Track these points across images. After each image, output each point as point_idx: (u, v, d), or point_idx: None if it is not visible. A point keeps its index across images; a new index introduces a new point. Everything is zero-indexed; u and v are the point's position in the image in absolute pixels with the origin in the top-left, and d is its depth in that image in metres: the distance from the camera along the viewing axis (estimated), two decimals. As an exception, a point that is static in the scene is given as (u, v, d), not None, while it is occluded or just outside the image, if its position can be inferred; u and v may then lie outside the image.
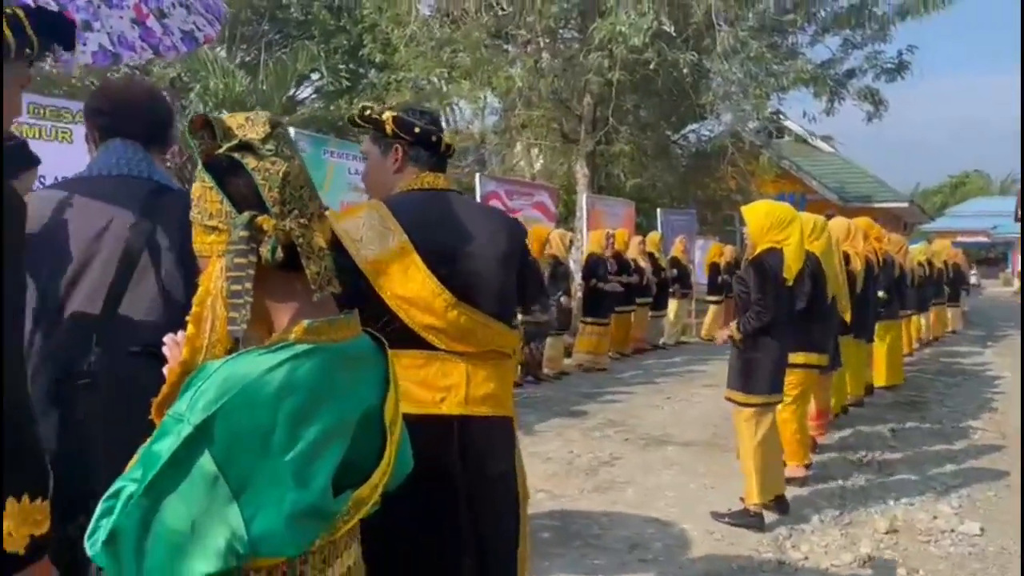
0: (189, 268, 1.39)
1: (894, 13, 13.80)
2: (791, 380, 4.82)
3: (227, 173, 1.12)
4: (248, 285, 1.06)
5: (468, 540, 1.95)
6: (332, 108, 17.43)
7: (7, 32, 1.38)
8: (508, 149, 17.98)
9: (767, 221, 4.36)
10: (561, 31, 14.66)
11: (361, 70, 18.47)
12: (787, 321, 4.39)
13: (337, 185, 7.70)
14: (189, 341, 1.10)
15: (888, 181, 24.18)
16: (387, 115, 2.11)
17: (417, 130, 2.11)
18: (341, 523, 1.12)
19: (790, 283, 4.33)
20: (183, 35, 3.34)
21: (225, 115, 1.17)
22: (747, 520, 4.32)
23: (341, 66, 17.28)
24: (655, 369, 10.04)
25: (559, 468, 5.43)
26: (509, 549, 2.06)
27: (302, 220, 1.12)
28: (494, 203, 9.86)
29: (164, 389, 1.10)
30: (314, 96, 19.33)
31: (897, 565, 3.89)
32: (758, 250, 4.38)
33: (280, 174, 1.12)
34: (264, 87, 14.45)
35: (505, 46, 15.00)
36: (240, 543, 0.99)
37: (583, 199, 12.86)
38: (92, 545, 1.00)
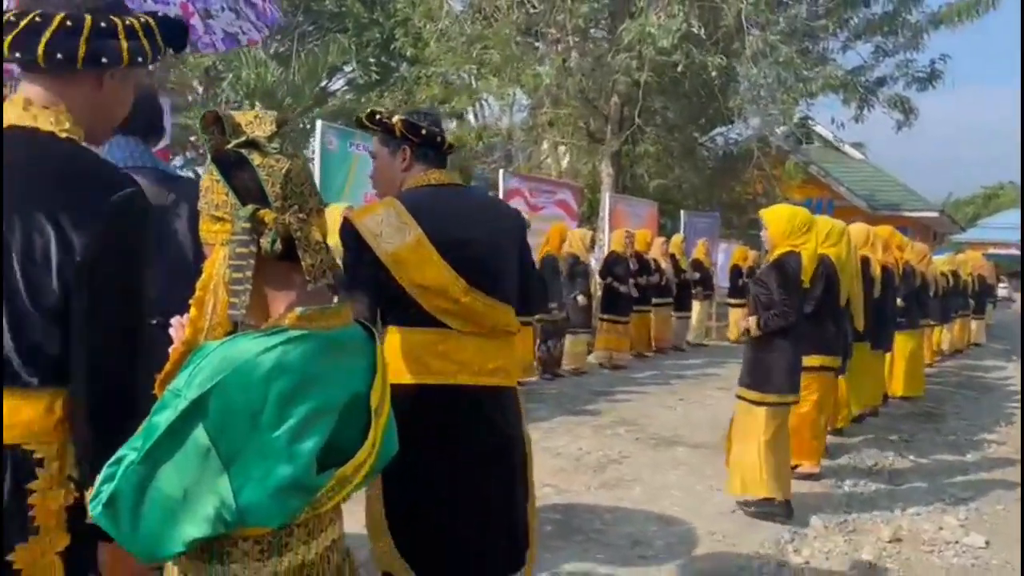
0: (199, 252, 1.47)
1: (927, 21, 13.68)
2: (808, 383, 4.88)
3: (234, 167, 1.20)
4: (248, 273, 1.14)
5: (484, 493, 2.23)
6: (363, 101, 17.61)
7: (123, 42, 1.49)
8: (535, 146, 18.05)
9: (788, 225, 4.43)
10: (591, 31, 14.69)
11: (392, 63, 18.63)
12: (802, 323, 4.46)
13: (362, 177, 7.79)
14: (192, 323, 1.19)
15: (919, 190, 23.94)
16: (396, 119, 2.32)
17: (424, 132, 2.32)
18: (325, 499, 1.20)
19: (807, 285, 4.41)
20: (225, 35, 3.44)
21: (235, 112, 1.25)
22: (773, 508, 4.45)
23: (372, 59, 17.44)
24: (671, 370, 10.06)
25: (567, 464, 5.50)
26: (520, 501, 2.34)
27: (301, 215, 1.20)
28: (517, 200, 9.95)
29: (167, 366, 1.19)
30: (345, 88, 19.53)
31: (897, 574, 3.91)
32: (777, 253, 4.44)
33: (283, 171, 1.20)
34: (296, 78, 14.63)
35: (535, 43, 15.07)
36: (228, 511, 1.08)
37: (606, 198, 12.90)
38: (94, 507, 1.09)
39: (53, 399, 1.43)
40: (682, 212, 14.29)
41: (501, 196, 9.81)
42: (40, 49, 1.43)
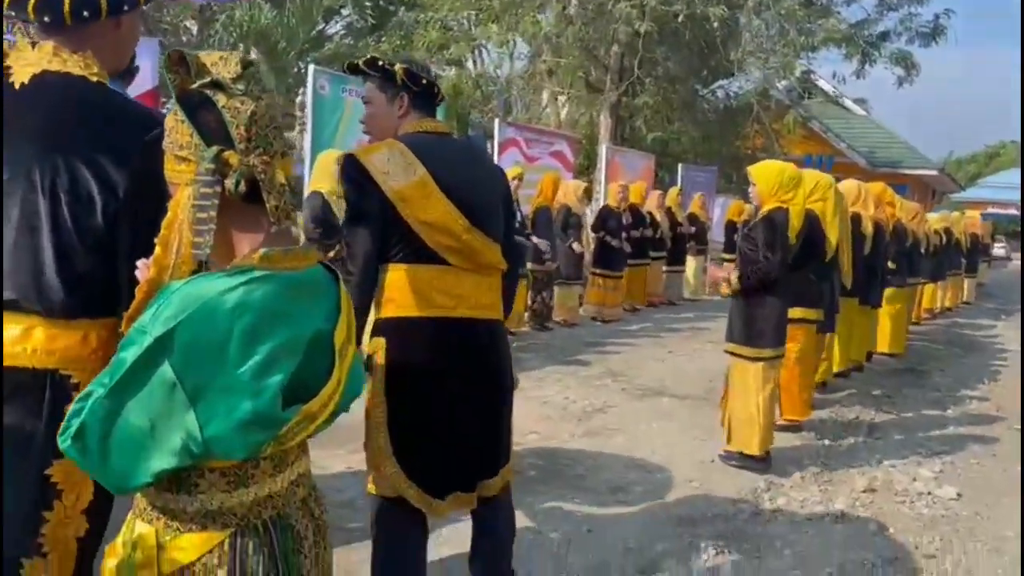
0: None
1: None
2: (791, 335, 4.93)
3: (199, 108, 1.22)
4: (212, 213, 1.17)
5: (480, 412, 2.46)
6: (360, 45, 17.36)
7: None
8: (534, 96, 17.88)
9: (776, 181, 4.44)
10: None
11: (391, 7, 18.32)
12: (789, 278, 4.51)
13: (354, 123, 7.72)
14: (156, 261, 1.22)
15: (920, 148, 23.79)
16: (398, 66, 2.41)
17: (424, 81, 2.43)
18: (291, 435, 1.24)
19: (793, 241, 4.43)
20: None
21: (201, 53, 1.26)
22: (751, 463, 4.55)
23: (369, 3, 17.15)
24: (663, 323, 10.14)
25: (553, 412, 5.59)
26: (507, 422, 2.59)
27: (265, 157, 1.22)
28: (512, 150, 9.90)
29: (134, 303, 1.22)
30: (342, 32, 19.23)
31: (868, 522, 4.01)
32: (766, 208, 4.46)
33: (248, 113, 1.22)
34: (290, 21, 14.41)
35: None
36: (195, 444, 1.12)
37: (603, 150, 12.83)
38: (63, 440, 1.14)
39: (89, 330, 1.57)
40: (680, 165, 14.22)
41: (497, 146, 9.77)
42: (66, 9, 1.55)
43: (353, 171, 2.33)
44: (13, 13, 1.59)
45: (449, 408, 2.39)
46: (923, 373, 8.00)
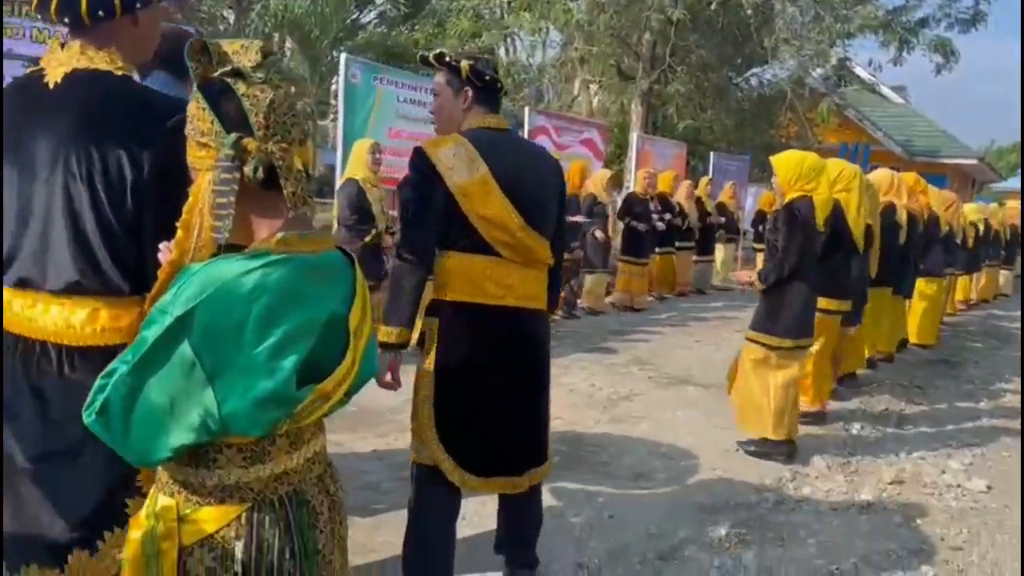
0: None
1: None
2: (817, 325, 4.89)
3: (220, 96, 1.26)
4: (231, 199, 1.21)
5: (521, 397, 2.63)
6: (393, 34, 17.44)
7: None
8: (565, 84, 17.82)
9: (796, 171, 4.40)
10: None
11: (425, -5, 18.37)
12: (815, 267, 4.48)
13: (385, 111, 7.83)
14: (178, 244, 1.27)
15: (960, 136, 23.32)
16: (464, 63, 2.55)
17: (488, 78, 2.58)
18: (307, 413, 1.28)
19: (822, 229, 4.40)
20: None
21: (223, 41, 1.30)
22: (776, 449, 4.52)
23: (401, -10, 17.22)
24: (691, 312, 10.09)
25: (579, 399, 5.62)
26: (545, 407, 2.74)
27: (283, 144, 1.26)
28: (542, 138, 9.89)
29: (156, 284, 1.27)
30: (376, 21, 19.31)
31: (894, 513, 3.99)
32: (788, 198, 4.43)
33: (267, 100, 1.25)
34: (324, 9, 14.51)
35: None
36: (212, 420, 1.17)
37: (634, 138, 12.77)
38: (88, 415, 1.19)
39: (142, 305, 1.63)
40: (711, 154, 14.10)
41: (527, 134, 9.77)
42: (83, 11, 1.67)
43: (421, 163, 2.48)
44: (39, 15, 1.73)
45: (492, 390, 2.55)
46: (956, 364, 7.89)
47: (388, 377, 2.57)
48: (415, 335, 2.61)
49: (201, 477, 1.27)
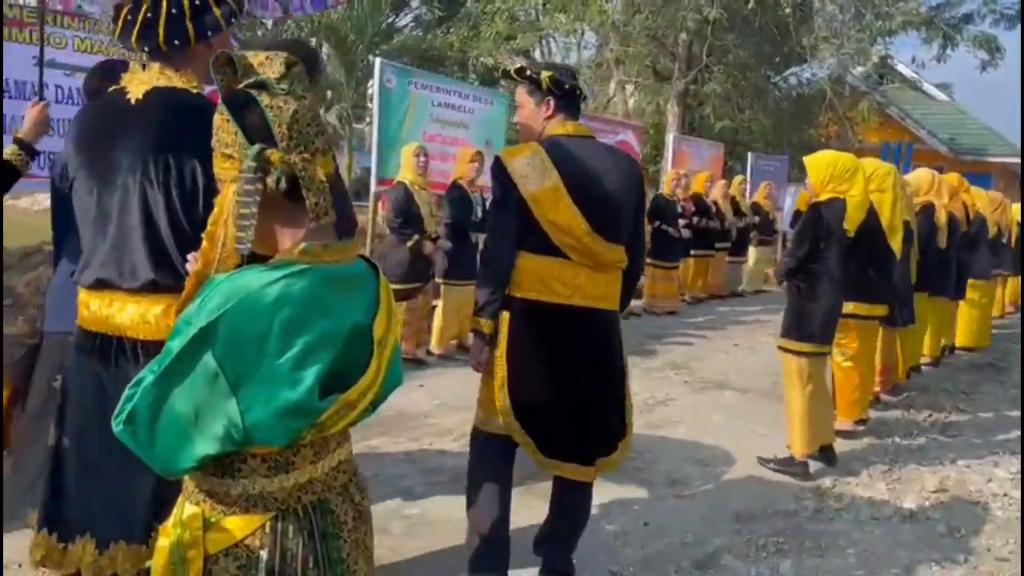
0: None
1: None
2: (847, 332, 4.78)
3: (244, 107, 1.26)
4: (254, 209, 1.21)
5: (587, 388, 2.76)
6: (428, 37, 17.52)
7: (216, 11, 1.89)
8: (602, 85, 17.73)
9: (828, 171, 4.30)
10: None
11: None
12: (844, 272, 4.35)
13: (420, 116, 7.84)
14: (203, 255, 1.27)
15: (1007, 135, 22.72)
16: (544, 74, 2.73)
17: (567, 87, 2.75)
18: (331, 423, 1.27)
19: (851, 234, 4.28)
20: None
21: (248, 53, 1.30)
22: (792, 467, 4.37)
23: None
24: (728, 316, 9.97)
25: (614, 404, 5.57)
26: (616, 399, 2.86)
27: (306, 155, 1.26)
28: (577, 140, 9.82)
29: (183, 295, 1.28)
30: (412, 25, 19.43)
31: (938, 523, 3.89)
32: (821, 200, 4.34)
33: (290, 112, 1.26)
34: (360, 14, 14.63)
35: (604, -23, 14.69)
36: (236, 431, 1.17)
37: (670, 139, 12.65)
38: (116, 424, 1.20)
39: None
40: (749, 154, 13.92)
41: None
42: (160, 40, 1.82)
43: (498, 171, 2.70)
44: (122, 43, 1.89)
45: (560, 381, 2.72)
46: (1003, 369, 7.69)
47: (481, 359, 2.81)
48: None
49: (226, 486, 1.27)
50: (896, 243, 4.96)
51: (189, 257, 1.37)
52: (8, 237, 3.18)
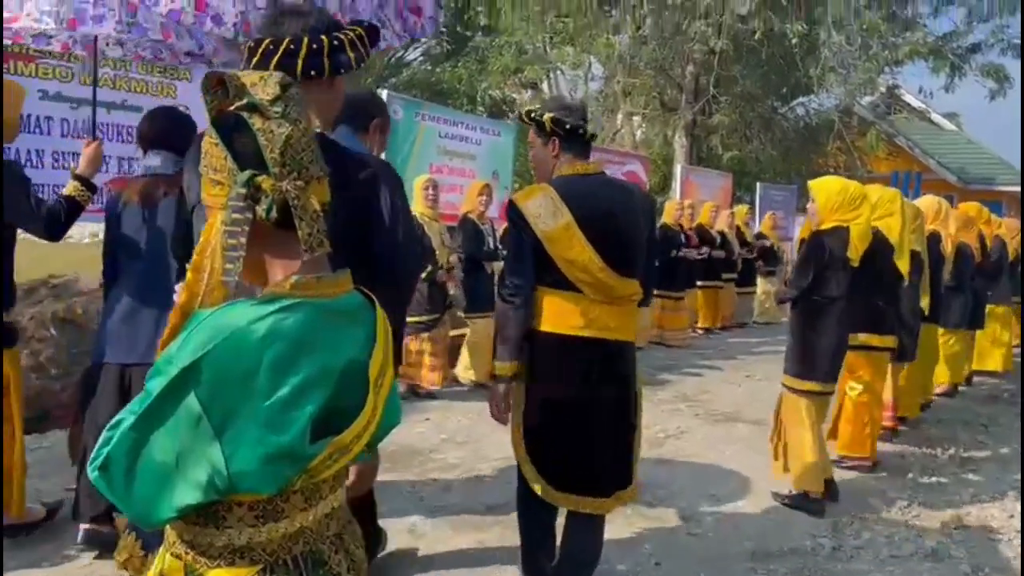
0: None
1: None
2: (856, 364, 4.65)
3: (234, 131, 1.19)
4: (242, 240, 1.14)
5: (601, 420, 2.76)
6: (437, 71, 17.62)
7: (349, 53, 1.97)
8: (609, 117, 17.77)
9: (838, 199, 4.19)
10: (667, -2, 14.33)
11: (467, 33, 18.54)
12: (849, 303, 4.23)
13: (426, 148, 7.84)
14: (188, 287, 1.19)
15: (1016, 163, 22.60)
16: (546, 116, 2.81)
17: (568, 126, 2.80)
18: (323, 468, 1.19)
19: (855, 263, 4.17)
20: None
21: (241, 73, 1.24)
22: (806, 504, 4.24)
23: (445, 28, 17.37)
24: (739, 347, 9.85)
25: (624, 438, 5.45)
26: (628, 432, 2.86)
27: (299, 182, 1.18)
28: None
29: (167, 331, 1.20)
30: (421, 59, 19.54)
31: (961, 561, 3.76)
32: (824, 227, 4.23)
33: (283, 136, 1.19)
34: (369, 48, 14.68)
35: (609, 11, 14.76)
36: (220, 478, 1.08)
37: (678, 170, 12.63)
38: (92, 471, 1.11)
39: None
40: (758, 184, 13.88)
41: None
42: (298, 69, 1.91)
43: (513, 214, 2.79)
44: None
45: (575, 411, 2.75)
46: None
47: (498, 409, 2.84)
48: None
49: (210, 536, 1.18)
50: (904, 266, 4.80)
51: (178, 287, 1.30)
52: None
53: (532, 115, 2.88)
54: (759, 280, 11.81)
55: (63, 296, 6.37)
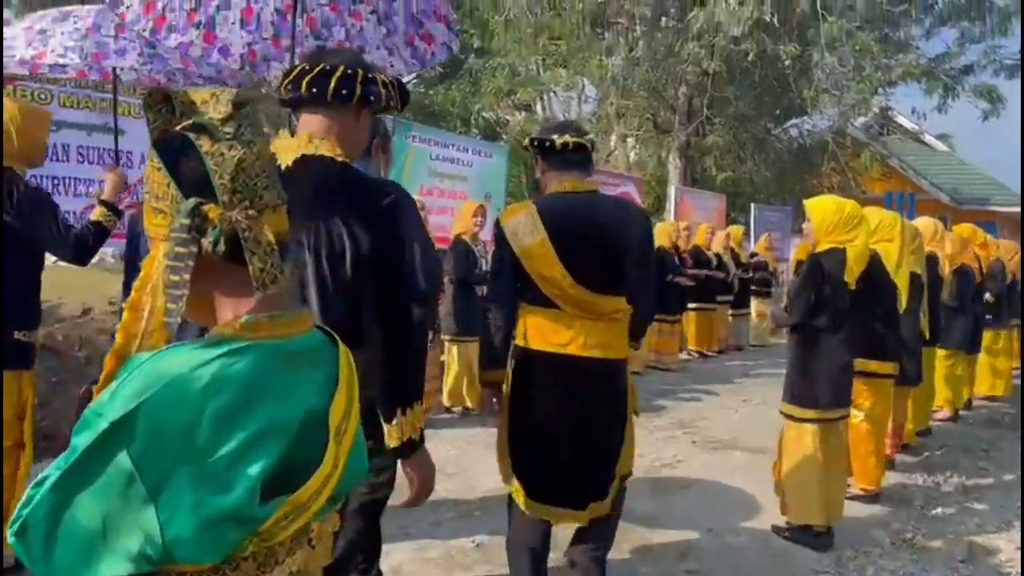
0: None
1: (1017, 5, 12.87)
2: (859, 391, 4.51)
3: (178, 153, 1.06)
4: (186, 276, 1.01)
5: (578, 433, 2.79)
6: (431, 93, 17.59)
7: (382, 89, 2.01)
8: (603, 138, 17.75)
9: (835, 219, 4.03)
10: (660, 20, 14.33)
11: (460, 55, 18.52)
12: (850, 327, 4.08)
13: (417, 170, 7.74)
14: (124, 328, 1.06)
15: (1009, 184, 22.61)
16: (527, 140, 2.98)
17: (546, 144, 2.86)
18: (277, 530, 1.05)
19: (852, 286, 4.03)
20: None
21: (191, 90, 1.12)
22: (809, 538, 4.09)
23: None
24: (735, 370, 9.71)
25: (619, 467, 5.30)
26: (612, 442, 2.86)
27: (251, 212, 1.06)
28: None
29: (102, 376, 1.07)
30: (415, 80, 19.52)
31: (970, 597, 3.62)
32: (820, 249, 4.10)
33: (234, 160, 1.06)
34: (361, 71, 14.63)
35: (602, 34, 14.77)
36: (153, 547, 0.94)
37: (672, 191, 12.56)
38: (11, 535, 0.98)
39: (362, 362, 1.81)
40: (752, 206, 13.81)
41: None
42: (331, 87, 1.96)
43: (496, 231, 2.88)
44: (289, 93, 2.00)
45: (552, 427, 2.79)
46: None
47: (493, 407, 2.96)
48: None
49: (145, 611, 1.04)
50: (903, 287, 4.68)
51: (119, 327, 1.17)
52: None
53: (528, 139, 2.98)
54: (753, 302, 11.69)
55: (46, 322, 6.22)
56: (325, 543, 1.19)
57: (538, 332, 2.81)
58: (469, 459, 5.23)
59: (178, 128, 1.07)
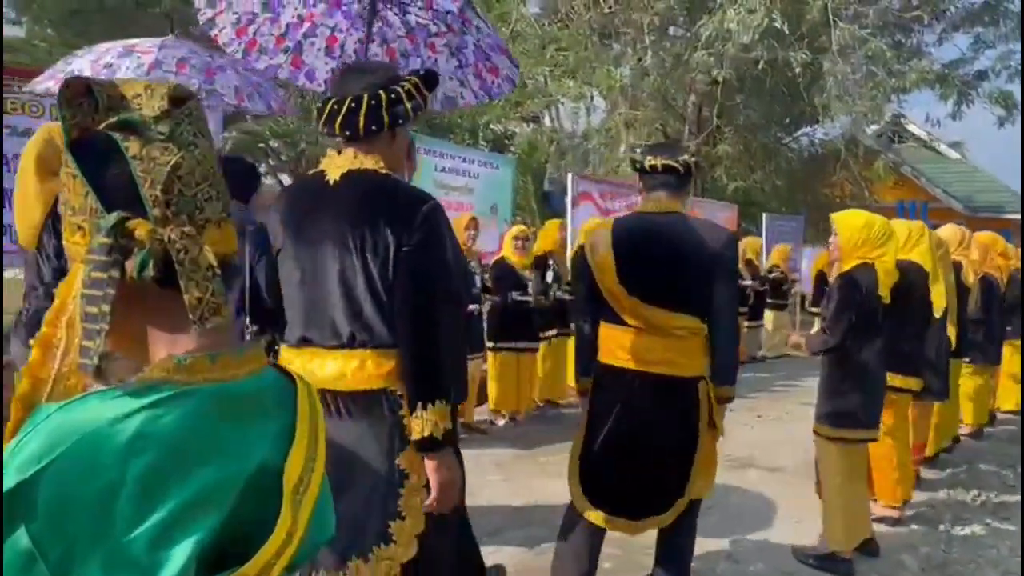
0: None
1: (1031, 9, 12.64)
2: (887, 405, 4.30)
3: (102, 158, 0.88)
4: (105, 308, 0.82)
5: (637, 447, 2.91)
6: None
7: (406, 104, 2.10)
8: (612, 148, 17.57)
9: (863, 234, 3.86)
10: (668, 29, 14.14)
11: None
12: (883, 344, 3.90)
13: (423, 181, 7.55)
14: (29, 370, 0.87)
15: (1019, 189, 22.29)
16: (630, 157, 3.11)
17: (639, 165, 2.98)
18: None
19: (886, 301, 3.84)
20: (444, 98, 4.05)
21: (119, 81, 0.93)
22: (834, 565, 3.88)
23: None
24: (750, 384, 9.43)
25: (631, 488, 5.09)
26: (675, 460, 2.94)
27: (187, 229, 0.87)
28: (587, 203, 9.54)
29: (7, 428, 0.88)
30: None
31: (1007, 629, 3.40)
32: (848, 266, 3.91)
33: (168, 166, 0.88)
34: (368, 82, 14.53)
35: (610, 44, 14.60)
36: None
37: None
38: None
39: (399, 355, 2.07)
40: (764, 215, 13.57)
41: (571, 200, 9.41)
42: (360, 124, 2.08)
43: (581, 247, 3.05)
44: (326, 130, 2.12)
45: (613, 437, 2.92)
46: (1050, 439, 7.15)
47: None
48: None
49: None
50: (940, 300, 4.48)
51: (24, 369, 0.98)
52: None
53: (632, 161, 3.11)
54: (767, 313, 11.48)
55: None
56: None
57: (608, 347, 2.94)
58: (477, 481, 5.03)
59: (101, 127, 0.89)
